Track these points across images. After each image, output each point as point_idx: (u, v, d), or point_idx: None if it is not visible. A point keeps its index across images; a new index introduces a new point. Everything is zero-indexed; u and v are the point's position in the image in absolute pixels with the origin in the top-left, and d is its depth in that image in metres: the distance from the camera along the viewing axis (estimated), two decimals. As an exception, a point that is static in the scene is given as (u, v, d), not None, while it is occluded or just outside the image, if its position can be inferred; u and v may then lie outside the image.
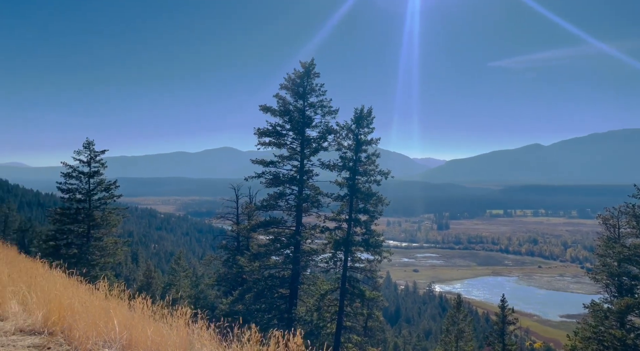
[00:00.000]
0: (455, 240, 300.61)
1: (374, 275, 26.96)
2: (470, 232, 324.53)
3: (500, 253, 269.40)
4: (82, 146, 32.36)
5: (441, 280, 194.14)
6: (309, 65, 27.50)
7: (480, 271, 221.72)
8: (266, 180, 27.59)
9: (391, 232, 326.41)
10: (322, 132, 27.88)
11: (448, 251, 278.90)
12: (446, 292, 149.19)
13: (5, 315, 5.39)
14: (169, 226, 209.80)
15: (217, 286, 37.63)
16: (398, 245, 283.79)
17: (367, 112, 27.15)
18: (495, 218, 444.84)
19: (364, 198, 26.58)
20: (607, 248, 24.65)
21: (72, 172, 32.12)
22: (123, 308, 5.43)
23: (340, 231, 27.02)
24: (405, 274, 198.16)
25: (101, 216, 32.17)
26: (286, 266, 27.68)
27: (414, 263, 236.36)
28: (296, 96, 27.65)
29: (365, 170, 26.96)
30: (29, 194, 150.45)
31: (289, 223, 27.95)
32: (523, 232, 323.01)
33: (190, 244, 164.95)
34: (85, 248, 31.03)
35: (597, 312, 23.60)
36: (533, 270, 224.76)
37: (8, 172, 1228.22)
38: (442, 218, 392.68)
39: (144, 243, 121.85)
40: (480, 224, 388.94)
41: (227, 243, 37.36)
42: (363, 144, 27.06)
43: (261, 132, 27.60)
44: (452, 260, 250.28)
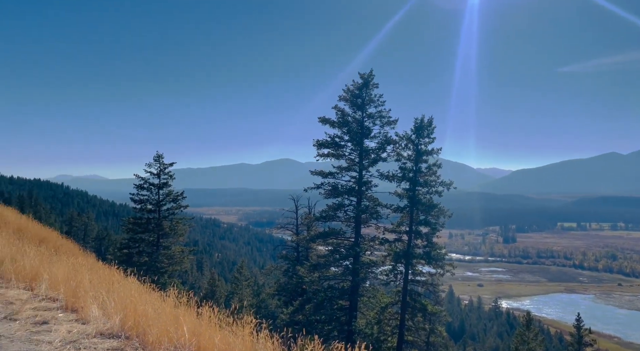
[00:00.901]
0: (522, 254, 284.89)
1: (436, 288, 26.16)
2: (540, 245, 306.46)
3: (573, 269, 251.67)
4: (152, 159, 34.37)
5: (508, 296, 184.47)
6: (367, 76, 27.52)
7: (552, 287, 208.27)
8: (325, 191, 27.75)
9: (453, 244, 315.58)
10: (381, 143, 27.69)
11: (515, 265, 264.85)
12: (514, 309, 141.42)
13: (87, 318, 5.80)
14: (231, 235, 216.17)
15: (277, 296, 38.15)
16: (461, 259, 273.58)
17: (427, 122, 26.65)
18: (567, 231, 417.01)
19: (424, 209, 25.98)
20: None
21: (144, 184, 34.05)
22: (191, 316, 5.67)
23: (401, 243, 26.54)
24: (469, 289, 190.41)
25: (169, 225, 33.75)
26: (345, 278, 27.56)
27: (478, 278, 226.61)
28: (355, 107, 27.71)
29: (425, 180, 26.39)
30: (106, 204, 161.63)
31: (348, 234, 27.87)
32: (600, 246, 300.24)
33: (252, 253, 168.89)
34: (155, 256, 32.62)
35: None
36: (612, 287, 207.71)
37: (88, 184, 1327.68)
38: (508, 230, 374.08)
39: (208, 252, 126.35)
40: (551, 238, 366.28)
41: (287, 253, 37.84)
42: (423, 154, 26.54)
43: (320, 143, 27.87)
44: (519, 275, 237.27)
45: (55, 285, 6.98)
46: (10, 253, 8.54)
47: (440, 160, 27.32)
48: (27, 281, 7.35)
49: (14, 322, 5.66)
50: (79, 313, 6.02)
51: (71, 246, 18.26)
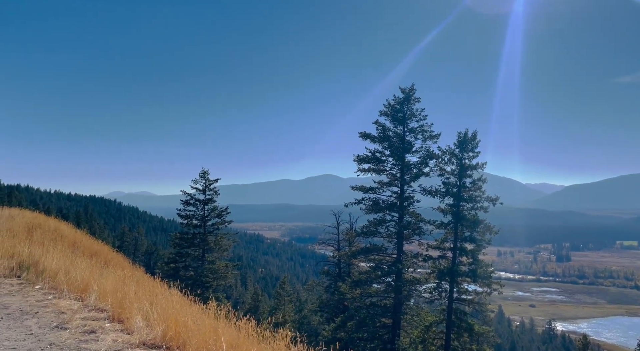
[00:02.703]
0: (578, 274, 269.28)
1: (483, 308, 25.18)
2: (597, 265, 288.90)
3: (635, 291, 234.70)
4: (198, 175, 35.50)
5: (563, 318, 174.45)
6: (409, 91, 27.37)
7: (611, 310, 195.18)
8: (366, 207, 27.57)
9: (502, 262, 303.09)
10: (422, 157, 27.30)
11: (570, 285, 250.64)
12: (570, 332, 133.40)
13: (131, 328, 6.02)
14: (274, 251, 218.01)
15: (319, 312, 37.99)
16: (510, 277, 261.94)
17: (471, 136, 26.08)
18: (627, 250, 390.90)
19: (469, 225, 25.23)
20: None
21: (190, 200, 35.17)
22: (230, 328, 5.75)
23: (445, 260, 25.84)
24: (520, 309, 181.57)
25: (214, 240, 34.56)
26: (388, 295, 27.07)
27: (530, 298, 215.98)
28: (396, 122, 27.55)
29: (470, 196, 25.69)
30: (155, 220, 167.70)
31: (390, 251, 27.45)
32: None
33: (294, 269, 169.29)
34: (200, 271, 33.39)
35: None
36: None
37: (138, 200, 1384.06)
38: (562, 249, 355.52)
39: (251, 267, 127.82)
40: (609, 256, 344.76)
41: (328, 269, 37.70)
42: (467, 169, 25.91)
43: (360, 158, 27.83)
44: (575, 296, 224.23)
45: (103, 296, 7.29)
46: (64, 265, 9.02)
47: (485, 175, 26.57)
48: (78, 292, 7.72)
49: (65, 331, 5.95)
50: (124, 324, 6.24)
51: (121, 260, 19.04)
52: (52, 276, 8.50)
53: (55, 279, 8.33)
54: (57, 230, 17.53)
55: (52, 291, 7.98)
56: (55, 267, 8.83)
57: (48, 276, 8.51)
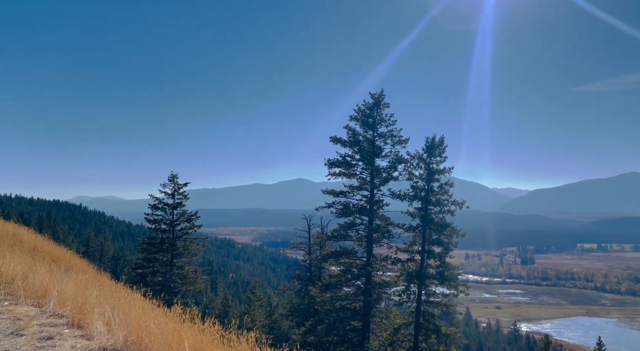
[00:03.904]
0: (541, 276, 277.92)
1: (450, 309, 25.65)
2: (559, 267, 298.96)
3: (595, 292, 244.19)
4: (167, 179, 34.84)
5: (527, 319, 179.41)
6: (378, 96, 27.74)
7: (573, 310, 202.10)
8: (336, 210, 27.72)
9: (470, 265, 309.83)
10: (392, 162, 27.69)
11: (534, 287, 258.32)
12: (534, 332, 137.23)
13: (91, 334, 5.86)
14: (245, 256, 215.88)
15: (290, 317, 37.79)
16: (478, 280, 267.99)
17: (439, 141, 26.63)
18: (587, 252, 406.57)
19: (437, 229, 25.72)
20: None
21: (158, 204, 34.46)
22: (194, 332, 5.68)
23: (413, 263, 26.23)
24: (487, 311, 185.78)
25: (183, 245, 33.94)
26: (358, 298, 27.25)
27: (496, 300, 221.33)
28: (366, 127, 27.87)
29: (438, 199, 26.20)
30: (122, 225, 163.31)
31: (360, 254, 27.67)
32: (622, 268, 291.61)
33: (266, 274, 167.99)
34: (169, 276, 32.71)
35: None
36: (636, 311, 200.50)
37: (105, 205, 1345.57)
38: (526, 251, 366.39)
39: (222, 272, 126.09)
40: (570, 259, 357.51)
41: (299, 273, 37.63)
42: (435, 173, 26.43)
43: (331, 162, 27.99)
44: (539, 298, 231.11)
45: (63, 301, 7.06)
46: (22, 271, 8.69)
47: (453, 180, 27.17)
48: (36, 298, 7.45)
49: (20, 338, 5.73)
50: (84, 329, 6.07)
51: (85, 265, 18.46)
52: (9, 282, 8.17)
53: (12, 285, 8.01)
54: (16, 235, 16.86)
55: (8, 297, 7.67)
56: (12, 273, 8.49)
57: (4, 283, 8.18)
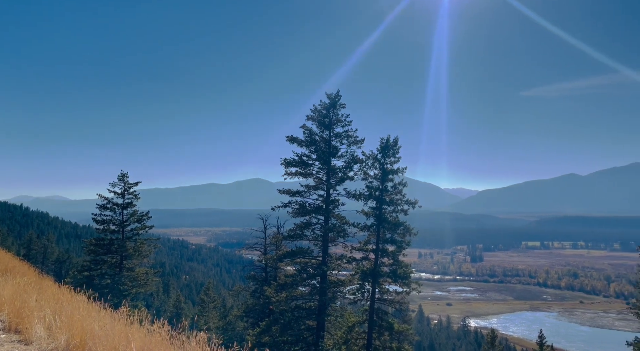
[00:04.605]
0: (489, 273, 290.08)
1: (403, 307, 26.25)
2: (506, 264, 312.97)
3: (538, 287, 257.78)
4: (117, 178, 33.55)
5: (476, 315, 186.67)
6: (334, 97, 27.94)
7: (517, 306, 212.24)
8: (293, 210, 27.68)
9: (423, 264, 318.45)
10: (348, 162, 27.97)
11: (483, 284, 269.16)
12: (482, 327, 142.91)
13: (30, 339, 5.56)
14: (200, 257, 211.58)
15: (245, 318, 37.38)
16: (430, 278, 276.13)
17: (393, 142, 27.15)
18: (531, 250, 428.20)
19: (391, 228, 26.22)
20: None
21: (107, 204, 33.16)
22: (142, 333, 5.51)
23: (368, 261, 26.61)
24: (439, 308, 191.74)
25: (133, 247, 32.85)
26: (313, 298, 27.34)
27: (447, 297, 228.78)
28: (322, 126, 28.00)
29: (392, 199, 26.71)
30: (68, 226, 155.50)
31: (316, 254, 27.75)
32: (562, 265, 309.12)
33: (221, 275, 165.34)
34: (118, 279, 31.58)
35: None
36: (574, 305, 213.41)
37: (48, 205, 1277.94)
38: (476, 250, 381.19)
39: (175, 274, 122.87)
40: (516, 256, 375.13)
41: (255, 274, 37.30)
42: (389, 173, 26.93)
43: (287, 162, 27.93)
44: (487, 294, 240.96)
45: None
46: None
47: (406, 180, 27.78)
48: (-31, 302, 6.98)
49: (-50, 344, 5.37)
50: (22, 334, 5.76)
51: (25, 268, 17.46)
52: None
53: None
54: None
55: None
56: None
57: None
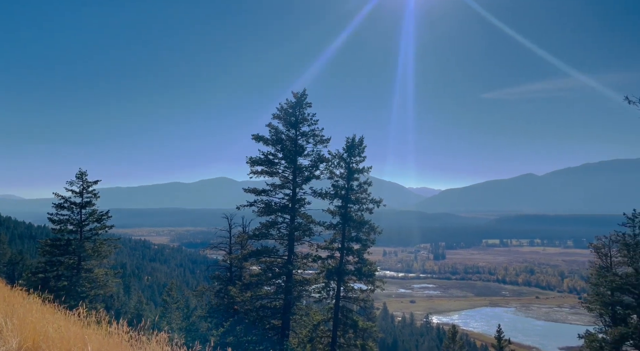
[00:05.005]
0: (451, 270, 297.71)
1: (367, 304, 26.60)
2: (467, 261, 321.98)
3: (497, 284, 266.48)
4: (75, 177, 32.38)
5: (438, 311, 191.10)
6: (301, 95, 27.98)
7: (478, 302, 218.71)
8: (258, 209, 27.56)
9: (387, 262, 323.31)
10: (314, 161, 28.08)
11: (445, 281, 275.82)
12: (444, 324, 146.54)
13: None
14: (162, 257, 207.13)
15: (209, 318, 36.88)
16: (394, 276, 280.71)
17: (358, 141, 27.46)
18: (491, 248, 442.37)
19: (356, 226, 26.52)
20: (600, 277, 24.56)
21: (64, 203, 31.98)
22: (99, 335, 5.38)
23: (333, 260, 26.82)
24: (402, 305, 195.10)
25: (92, 247, 31.86)
26: (278, 297, 27.31)
27: (411, 294, 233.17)
28: (288, 125, 28.00)
29: (357, 198, 27.03)
30: (21, 226, 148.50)
31: (281, 253, 27.74)
32: (519, 261, 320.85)
33: (184, 275, 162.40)
34: (75, 280, 30.59)
35: (592, 343, 23.27)
36: (531, 300, 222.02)
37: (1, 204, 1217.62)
38: (438, 248, 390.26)
39: (137, 275, 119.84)
40: (477, 254, 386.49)
41: (219, 274, 36.88)
42: (355, 173, 27.23)
43: (253, 160, 27.76)
44: (449, 291, 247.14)
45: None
46: None
47: (371, 179, 28.15)
48: None
49: None
50: (-30, 338, 5.49)
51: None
52: None
53: None
54: None
55: None
56: None
57: None
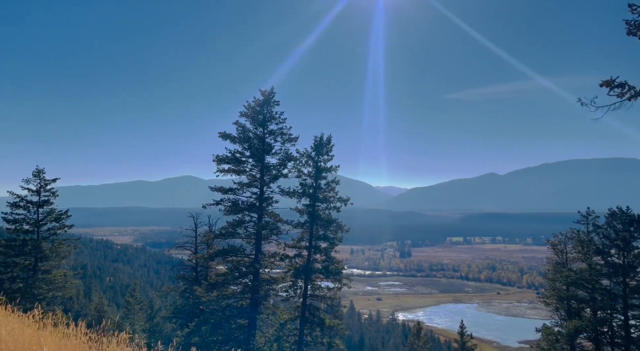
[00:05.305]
0: (417, 268, 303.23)
1: (334, 302, 26.78)
2: (432, 259, 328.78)
3: (461, 280, 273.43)
4: (31, 174, 31.16)
5: (404, 309, 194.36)
6: (269, 93, 27.83)
7: (442, 298, 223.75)
8: (225, 208, 27.27)
9: (355, 260, 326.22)
10: (282, 159, 28.02)
11: (411, 279, 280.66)
12: (409, 320, 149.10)
13: None
14: (125, 257, 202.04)
15: (174, 319, 36.24)
16: (362, 274, 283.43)
17: (326, 140, 27.58)
18: (455, 245, 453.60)
19: (323, 225, 26.65)
20: (556, 272, 25.65)
21: (19, 202, 30.75)
22: (56, 337, 5.20)
23: (301, 258, 26.86)
24: (369, 303, 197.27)
25: (50, 247, 30.82)
26: (245, 296, 27.12)
27: (378, 292, 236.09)
28: (256, 123, 27.81)
29: (325, 197, 27.15)
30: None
31: (248, 252, 27.56)
32: (482, 259, 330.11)
33: (148, 276, 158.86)
34: (32, 282, 29.50)
35: (548, 336, 24.27)
36: (492, 296, 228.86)
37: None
38: (405, 246, 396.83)
39: (98, 276, 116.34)
40: (442, 251, 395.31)
41: (184, 274, 36.33)
42: (323, 171, 27.34)
43: (220, 159, 27.42)
44: (414, 288, 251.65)
45: None
46: None
47: (339, 178, 28.34)
48: None
49: None
50: None
51: None
52: None
53: None
54: None
55: None
56: None
57: None
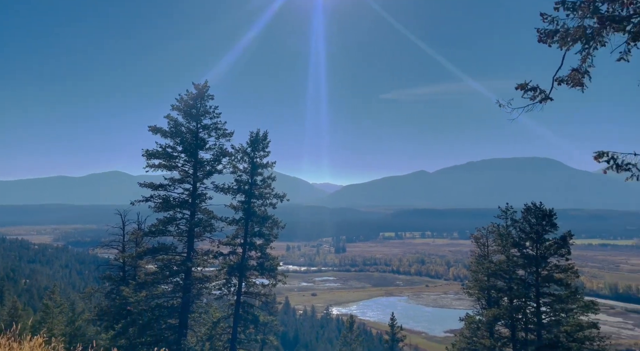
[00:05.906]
0: (351, 263, 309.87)
1: (268, 299, 26.73)
2: (366, 254, 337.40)
3: (392, 274, 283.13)
4: None
5: (338, 303, 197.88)
6: (202, 87, 27.09)
7: (375, 292, 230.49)
8: (155, 205, 26.22)
9: (291, 256, 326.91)
10: (216, 155, 27.43)
11: (345, 273, 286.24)
12: (343, 315, 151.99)
13: None
14: (44, 258, 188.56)
15: (98, 321, 34.29)
16: (297, 270, 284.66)
17: (262, 136, 27.40)
18: (387, 240, 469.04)
19: (259, 221, 26.50)
20: (478, 264, 27.41)
21: None
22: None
23: (235, 256, 26.53)
24: (304, 298, 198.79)
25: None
26: (176, 295, 26.30)
27: (313, 287, 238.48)
28: (189, 117, 26.98)
29: (261, 193, 26.99)
30: None
31: (180, 250, 26.76)
32: (412, 253, 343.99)
33: (70, 277, 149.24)
34: None
35: (471, 324, 25.90)
36: (421, 289, 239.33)
37: None
38: (340, 241, 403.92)
39: (12, 279, 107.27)
40: (375, 246, 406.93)
41: (111, 274, 34.45)
42: (259, 167, 27.15)
43: (150, 153, 26.32)
44: (348, 283, 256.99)
45: None
46: None
47: (275, 174, 28.26)
48: None
49: None
50: None
51: None
52: None
53: None
54: None
55: None
56: None
57: None
